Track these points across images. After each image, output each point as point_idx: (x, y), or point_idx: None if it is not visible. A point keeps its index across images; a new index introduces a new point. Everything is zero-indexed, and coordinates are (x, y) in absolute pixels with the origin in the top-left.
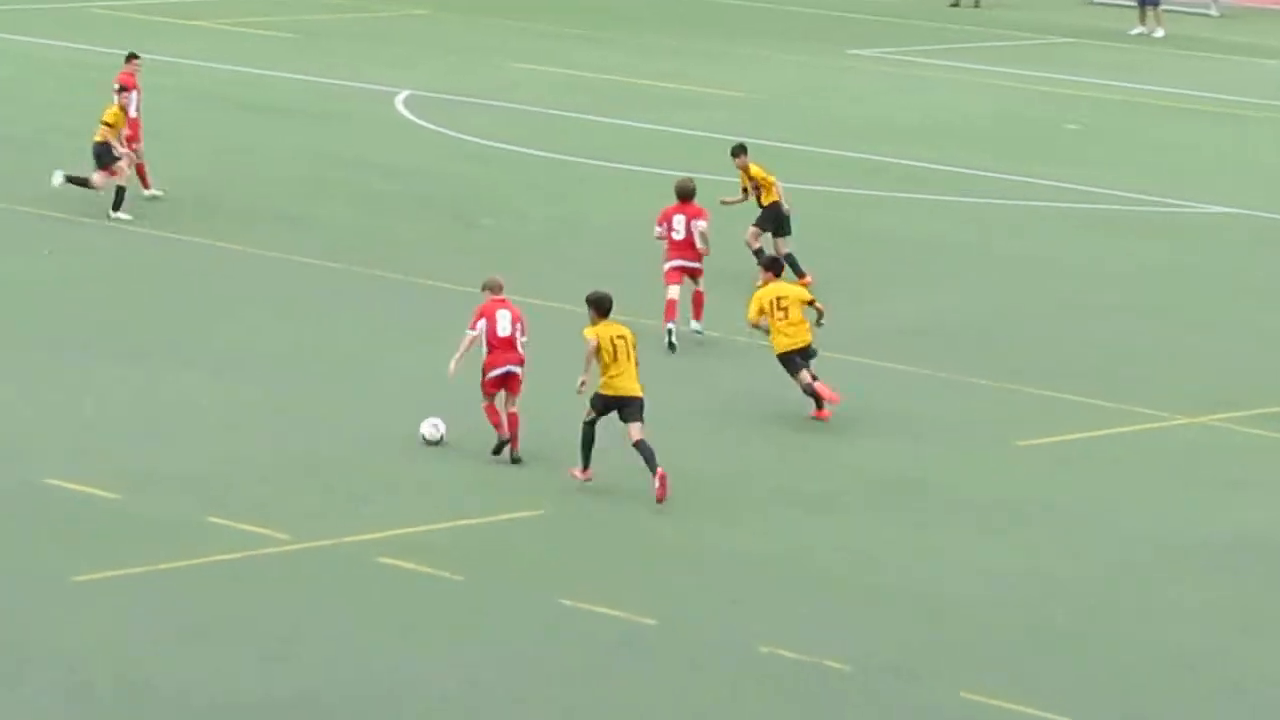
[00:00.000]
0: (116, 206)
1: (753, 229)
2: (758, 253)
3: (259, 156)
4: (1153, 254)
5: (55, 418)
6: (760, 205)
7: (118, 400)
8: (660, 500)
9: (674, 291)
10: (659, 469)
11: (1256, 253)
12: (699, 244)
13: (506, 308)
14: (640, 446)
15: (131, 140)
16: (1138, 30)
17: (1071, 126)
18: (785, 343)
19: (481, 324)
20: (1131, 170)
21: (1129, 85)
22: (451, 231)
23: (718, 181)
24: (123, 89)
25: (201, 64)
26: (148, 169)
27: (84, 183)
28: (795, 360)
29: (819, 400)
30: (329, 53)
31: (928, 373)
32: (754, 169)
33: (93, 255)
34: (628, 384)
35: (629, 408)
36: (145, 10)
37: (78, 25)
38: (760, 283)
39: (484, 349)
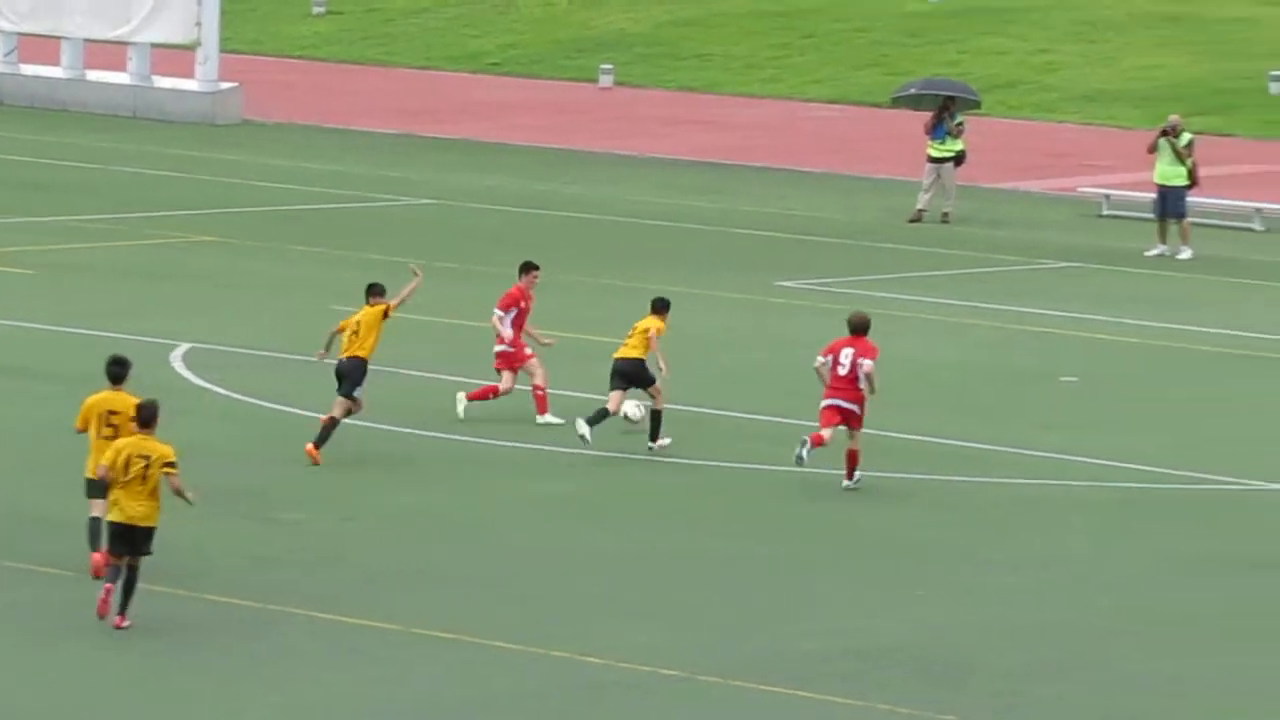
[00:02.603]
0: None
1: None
2: None
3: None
4: (1208, 547)
5: None
6: None
7: None
8: None
9: (828, 434)
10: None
11: None
12: (862, 384)
13: None
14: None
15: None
16: (1157, 251)
17: (1068, 379)
18: None
19: None
20: (1151, 437)
21: (1146, 323)
22: (248, 530)
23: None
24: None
25: None
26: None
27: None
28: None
29: None
30: (84, 295)
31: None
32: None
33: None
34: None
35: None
36: None
37: None
38: None
39: None
